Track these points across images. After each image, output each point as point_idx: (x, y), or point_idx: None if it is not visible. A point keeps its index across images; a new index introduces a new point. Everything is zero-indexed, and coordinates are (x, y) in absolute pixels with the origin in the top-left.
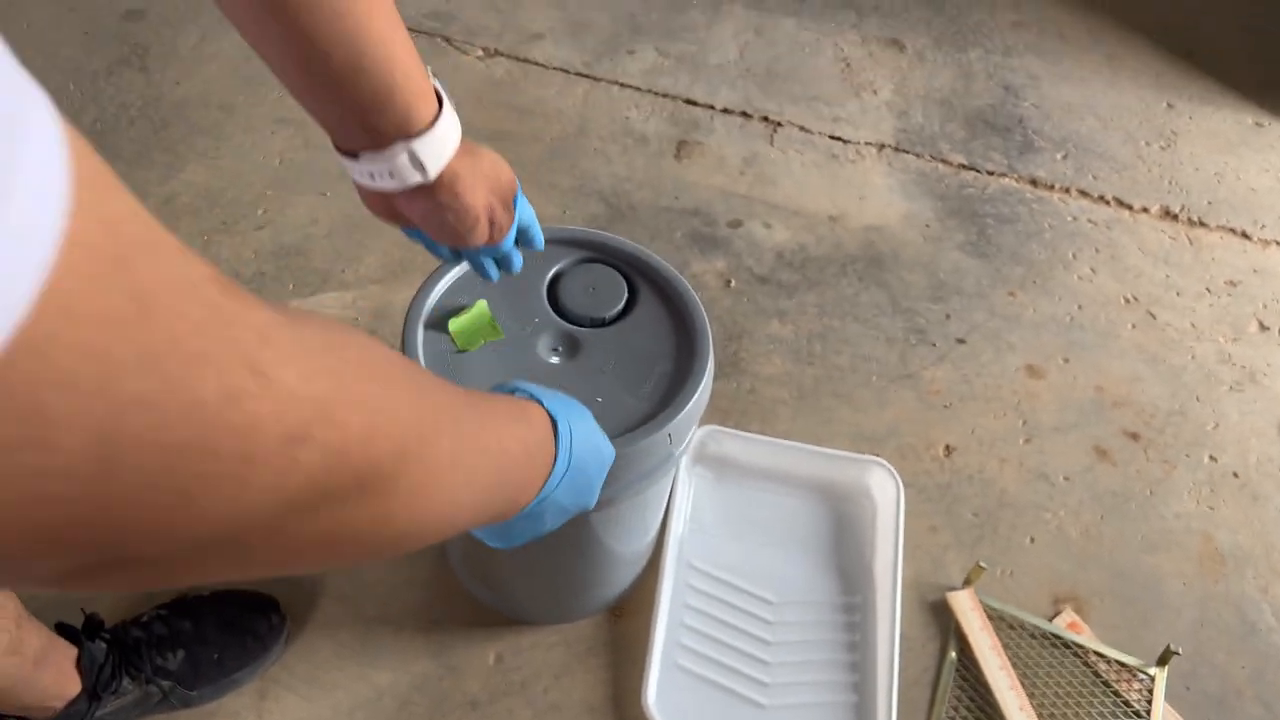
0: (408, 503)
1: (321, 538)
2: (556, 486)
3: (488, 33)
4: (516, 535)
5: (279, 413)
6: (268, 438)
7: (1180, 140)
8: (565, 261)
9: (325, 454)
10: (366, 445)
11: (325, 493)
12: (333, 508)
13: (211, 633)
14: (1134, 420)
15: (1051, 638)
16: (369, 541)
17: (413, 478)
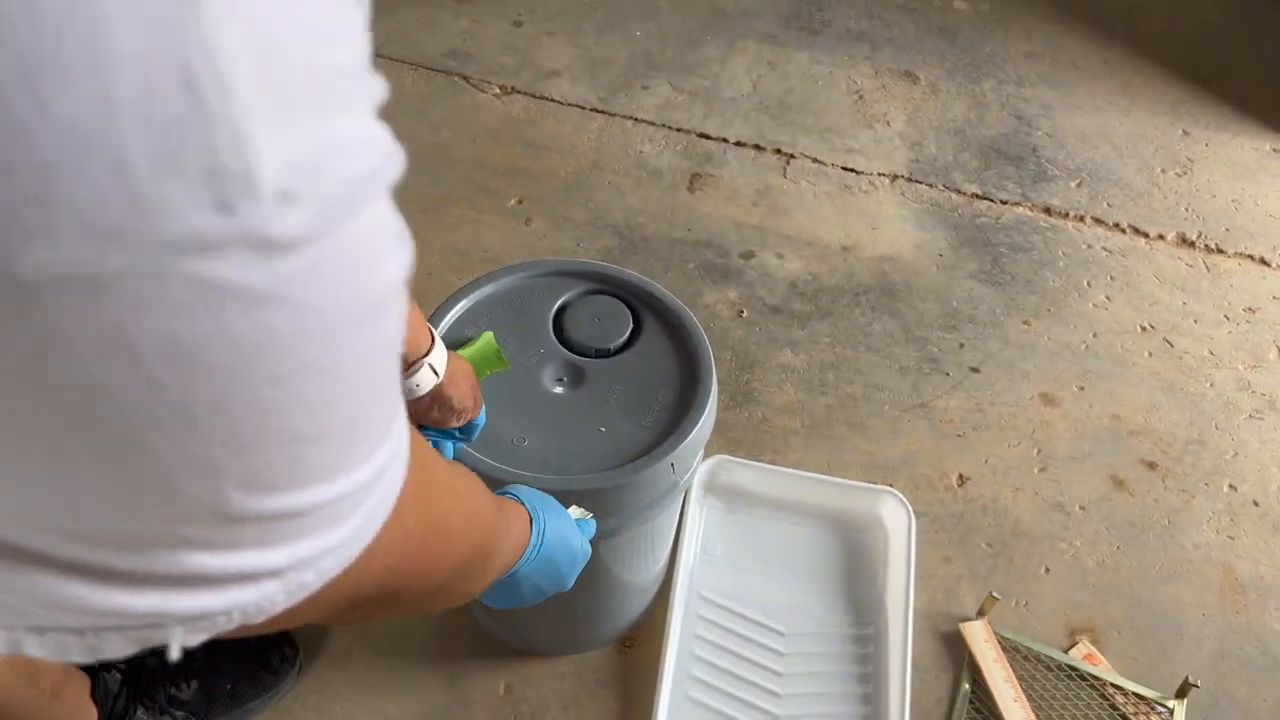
0: (490, 567)
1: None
2: (528, 564)
3: (505, 71)
4: (499, 599)
5: (467, 514)
6: (458, 531)
7: (1197, 167)
8: (571, 293)
9: (483, 527)
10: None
11: (472, 558)
12: (471, 570)
13: (225, 663)
14: (1151, 449)
15: (1067, 669)
16: (470, 590)
17: (492, 553)
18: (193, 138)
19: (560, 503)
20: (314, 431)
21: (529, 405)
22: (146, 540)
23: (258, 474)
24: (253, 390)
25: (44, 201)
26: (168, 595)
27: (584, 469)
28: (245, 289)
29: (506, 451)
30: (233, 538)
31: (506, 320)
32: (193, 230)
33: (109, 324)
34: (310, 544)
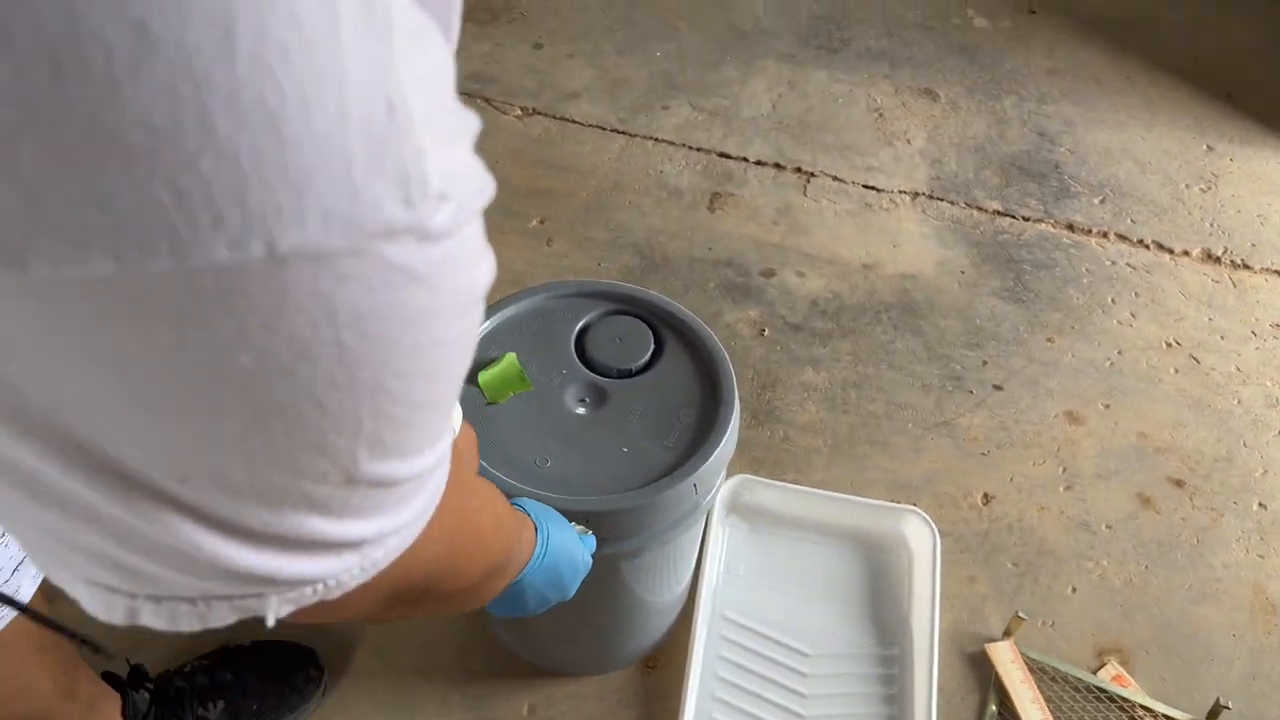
0: (508, 573)
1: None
2: (534, 572)
3: (526, 93)
4: (505, 607)
5: (493, 519)
6: (486, 534)
7: (1221, 182)
8: (592, 314)
9: (505, 536)
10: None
11: (501, 561)
12: (495, 573)
13: (251, 684)
14: (1178, 467)
15: (1096, 691)
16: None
17: (512, 559)
18: (391, 149)
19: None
20: (427, 401)
21: (551, 426)
22: (285, 497)
23: (384, 438)
24: (402, 358)
25: (301, 193)
26: (282, 558)
27: (606, 489)
28: (410, 269)
29: (529, 472)
30: (344, 502)
31: (529, 341)
32: (387, 219)
33: (323, 293)
34: (390, 518)
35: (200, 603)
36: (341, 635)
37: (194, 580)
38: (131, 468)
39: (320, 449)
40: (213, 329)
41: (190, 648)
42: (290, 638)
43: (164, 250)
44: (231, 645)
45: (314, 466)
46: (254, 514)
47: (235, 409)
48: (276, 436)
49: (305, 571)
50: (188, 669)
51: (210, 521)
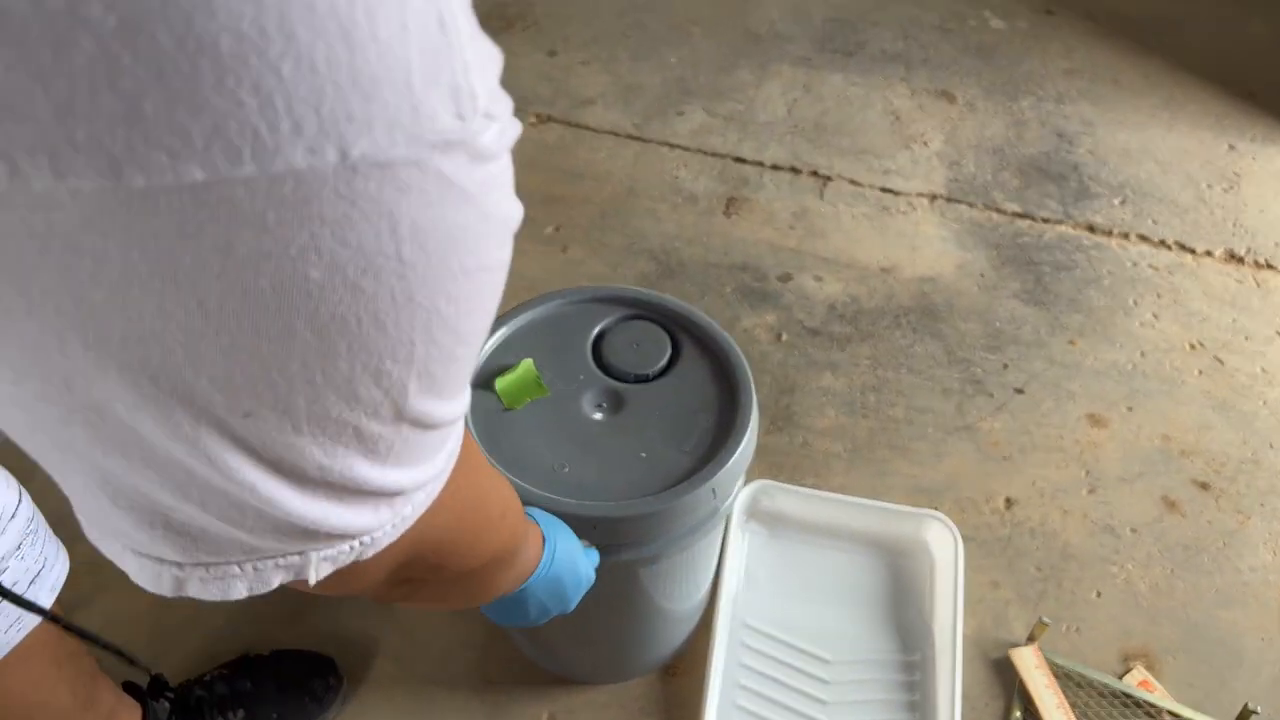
0: (514, 569)
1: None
2: (538, 581)
3: (540, 100)
4: (506, 614)
5: (501, 502)
6: (496, 515)
7: (1244, 182)
8: (609, 319)
9: (511, 523)
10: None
11: (507, 551)
12: (501, 564)
13: (271, 692)
14: (1204, 469)
15: (1122, 696)
16: (495, 587)
17: (517, 555)
18: (444, 61)
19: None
20: (470, 332)
21: (569, 432)
22: (340, 433)
23: (433, 369)
24: (452, 280)
25: (369, 100)
26: (329, 507)
27: (624, 495)
28: (462, 187)
29: (547, 478)
30: (389, 444)
31: (545, 348)
32: (443, 130)
33: (387, 203)
34: (423, 469)
35: (248, 565)
36: (360, 644)
37: (243, 535)
38: (201, 401)
39: (377, 376)
40: (290, 240)
41: (210, 657)
42: (309, 646)
43: (248, 155)
44: (251, 654)
45: (370, 396)
46: (310, 453)
47: (304, 328)
48: (340, 358)
49: (348, 524)
50: (207, 678)
51: (268, 462)
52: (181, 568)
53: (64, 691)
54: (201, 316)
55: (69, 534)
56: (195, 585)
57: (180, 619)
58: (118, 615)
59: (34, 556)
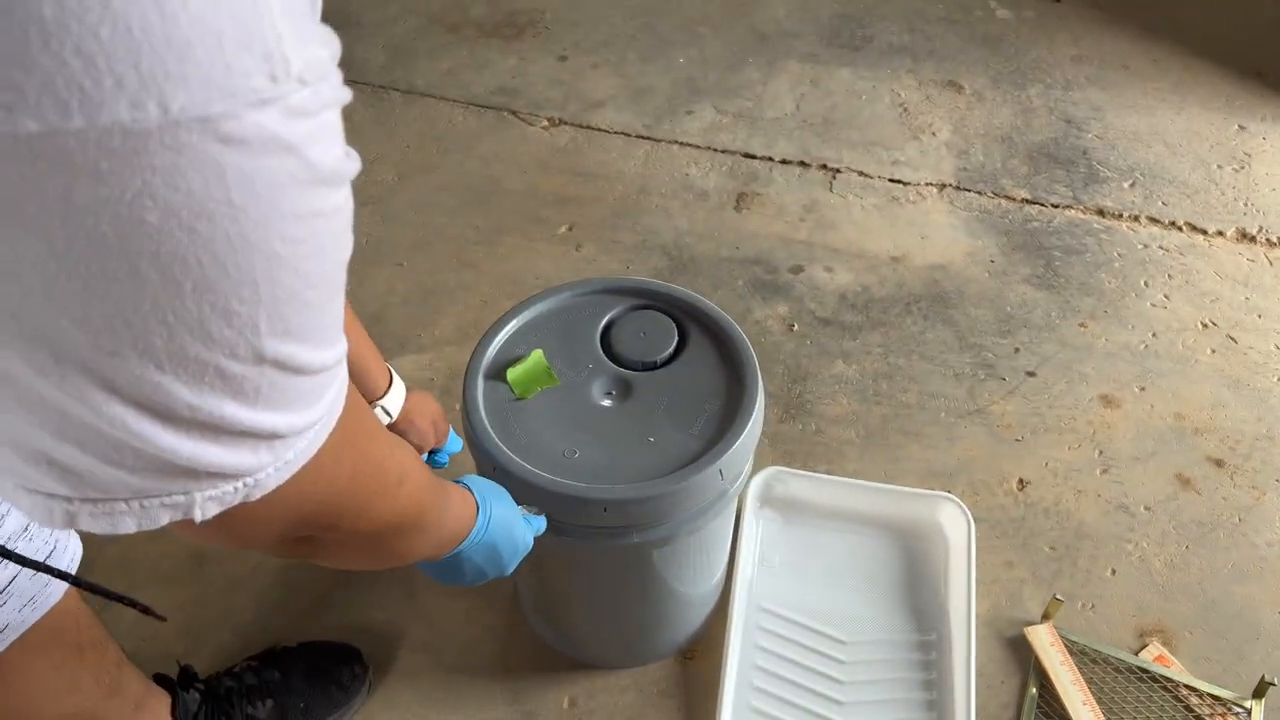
0: (424, 536)
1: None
2: (472, 546)
3: (551, 104)
4: (443, 575)
5: (399, 470)
6: (391, 481)
7: (1254, 161)
8: (617, 309)
9: (410, 490)
10: (422, 501)
11: (404, 519)
12: (403, 532)
13: (298, 683)
14: (1218, 447)
15: (1138, 671)
16: (404, 553)
17: (427, 523)
18: (255, 31)
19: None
20: (314, 275)
21: (579, 419)
22: (202, 374)
23: (281, 310)
24: (284, 222)
25: (183, 60)
26: (205, 445)
27: (634, 478)
28: (281, 139)
29: (559, 464)
30: (255, 386)
31: (555, 338)
32: (256, 89)
33: (212, 154)
34: (297, 415)
35: (134, 503)
36: (386, 634)
37: (125, 475)
38: (64, 341)
39: (226, 316)
40: (124, 187)
41: (239, 650)
42: (336, 638)
43: (76, 108)
44: (279, 646)
45: (223, 336)
46: (177, 393)
47: (149, 269)
48: (186, 297)
49: (226, 463)
50: (236, 669)
51: (137, 401)
52: (70, 502)
53: (88, 678)
54: (53, 260)
55: (98, 536)
56: (85, 520)
57: (211, 615)
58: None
59: (43, 538)
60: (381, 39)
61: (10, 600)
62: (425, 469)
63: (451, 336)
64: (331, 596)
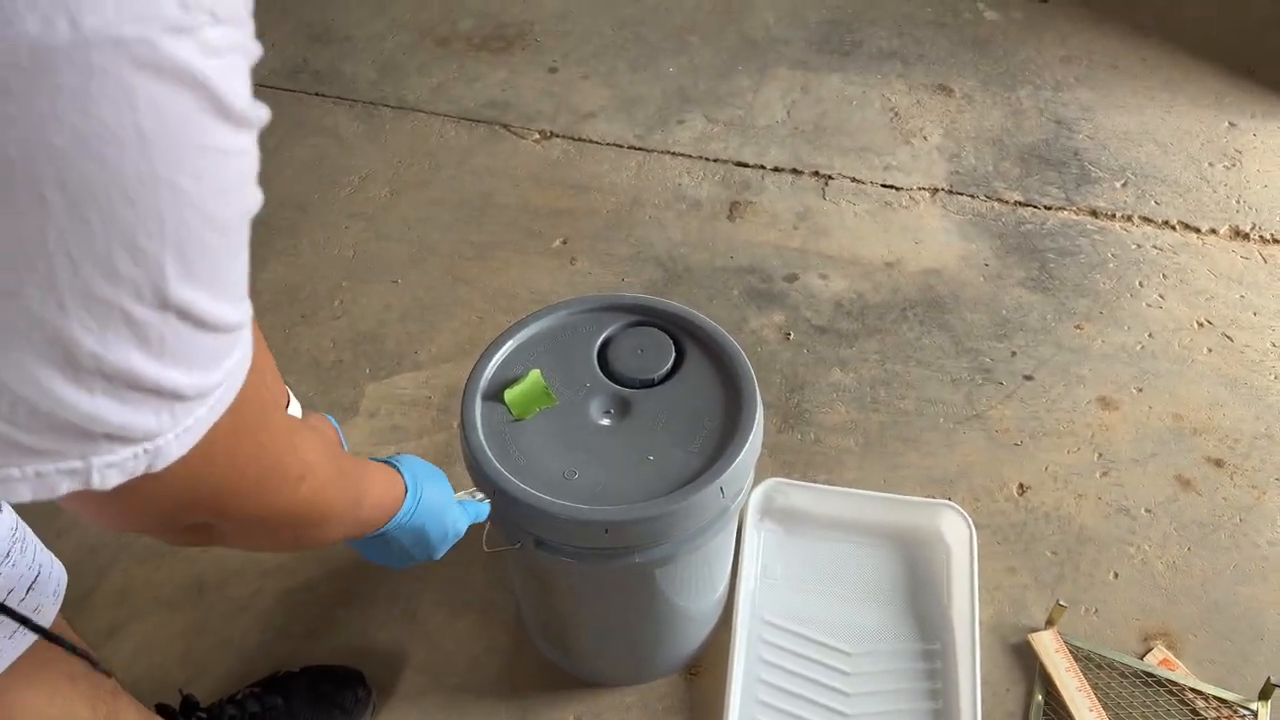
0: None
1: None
2: (399, 527)
3: (543, 116)
4: (367, 552)
5: (300, 466)
6: (291, 476)
7: (1246, 159)
8: (613, 327)
9: (312, 487)
10: (320, 495)
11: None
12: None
13: (301, 708)
14: (1217, 447)
15: (1143, 676)
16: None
17: (331, 517)
18: None
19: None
20: (219, 217)
21: (578, 438)
22: (108, 316)
23: (187, 252)
24: (193, 155)
25: None
26: (108, 402)
27: (634, 498)
28: (196, 72)
29: (557, 485)
30: (160, 336)
31: (552, 357)
32: (167, 16)
33: (124, 79)
34: (201, 374)
35: (29, 468)
36: (389, 656)
37: (20, 435)
38: None
39: (133, 252)
40: (31, 105)
41: (242, 677)
42: (338, 662)
43: None
44: (281, 672)
45: (130, 274)
46: (81, 338)
47: (55, 195)
48: (94, 229)
49: (127, 423)
50: (239, 696)
51: (39, 348)
52: None
53: (82, 707)
54: None
55: (103, 563)
56: None
57: (212, 642)
58: (151, 641)
59: (26, 563)
60: (371, 54)
61: (2, 625)
62: (336, 464)
63: (448, 353)
64: (333, 619)
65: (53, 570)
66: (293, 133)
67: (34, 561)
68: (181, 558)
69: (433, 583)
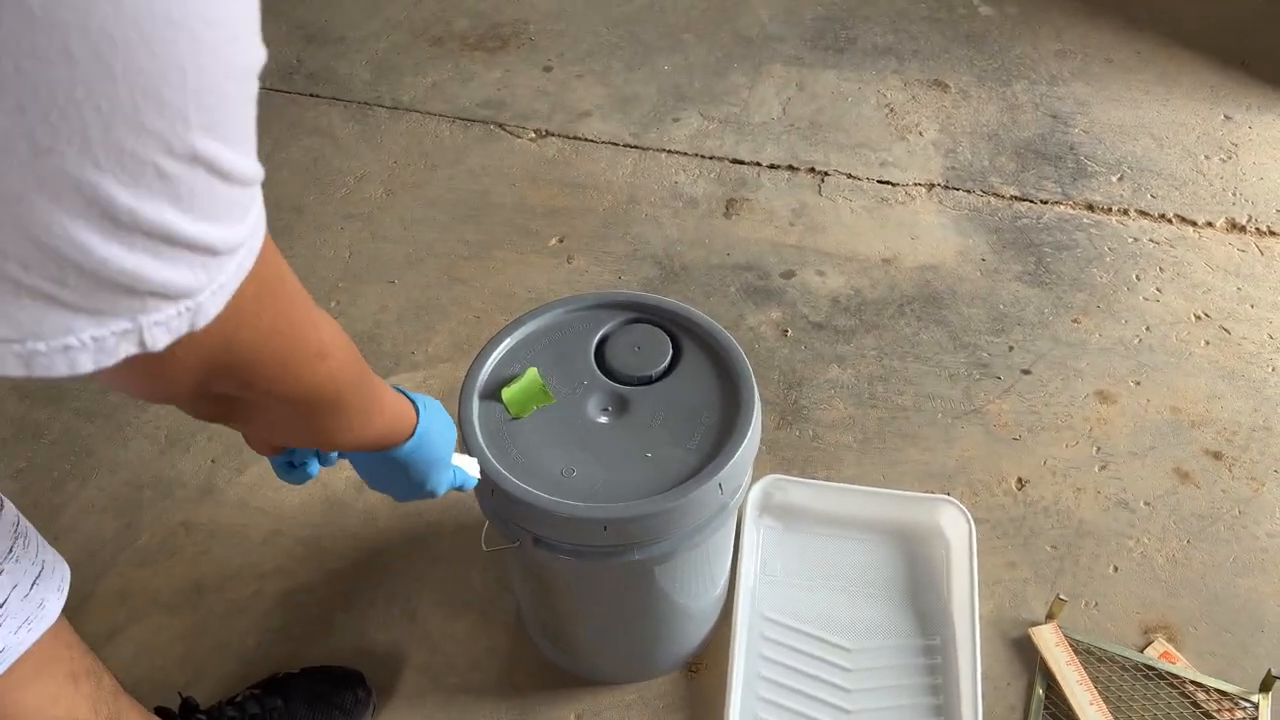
0: (343, 420)
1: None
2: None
3: (538, 115)
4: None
5: (319, 344)
6: (312, 353)
7: (1241, 151)
8: (610, 324)
9: (330, 368)
10: (338, 376)
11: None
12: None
13: (301, 709)
14: (1215, 439)
15: (1144, 669)
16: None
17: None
18: None
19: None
20: (237, 68)
21: (576, 436)
22: (141, 171)
23: (207, 101)
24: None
25: None
26: (146, 258)
27: (633, 495)
28: None
29: (556, 483)
30: (190, 188)
31: (549, 355)
32: None
33: None
34: (230, 228)
35: (85, 335)
36: (388, 657)
37: (69, 296)
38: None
39: (158, 103)
40: None
41: (242, 679)
42: (338, 663)
43: None
44: (280, 674)
45: (156, 126)
46: (117, 194)
47: (79, 47)
48: (118, 81)
49: (168, 280)
50: (239, 698)
51: (78, 206)
52: (22, 344)
53: (85, 708)
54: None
55: (100, 566)
56: (41, 362)
57: (211, 644)
58: (150, 644)
59: (30, 559)
60: (365, 55)
61: (6, 621)
62: (354, 355)
63: (445, 353)
64: (332, 621)
65: (56, 565)
66: (287, 134)
67: (37, 557)
68: (180, 560)
69: (432, 583)
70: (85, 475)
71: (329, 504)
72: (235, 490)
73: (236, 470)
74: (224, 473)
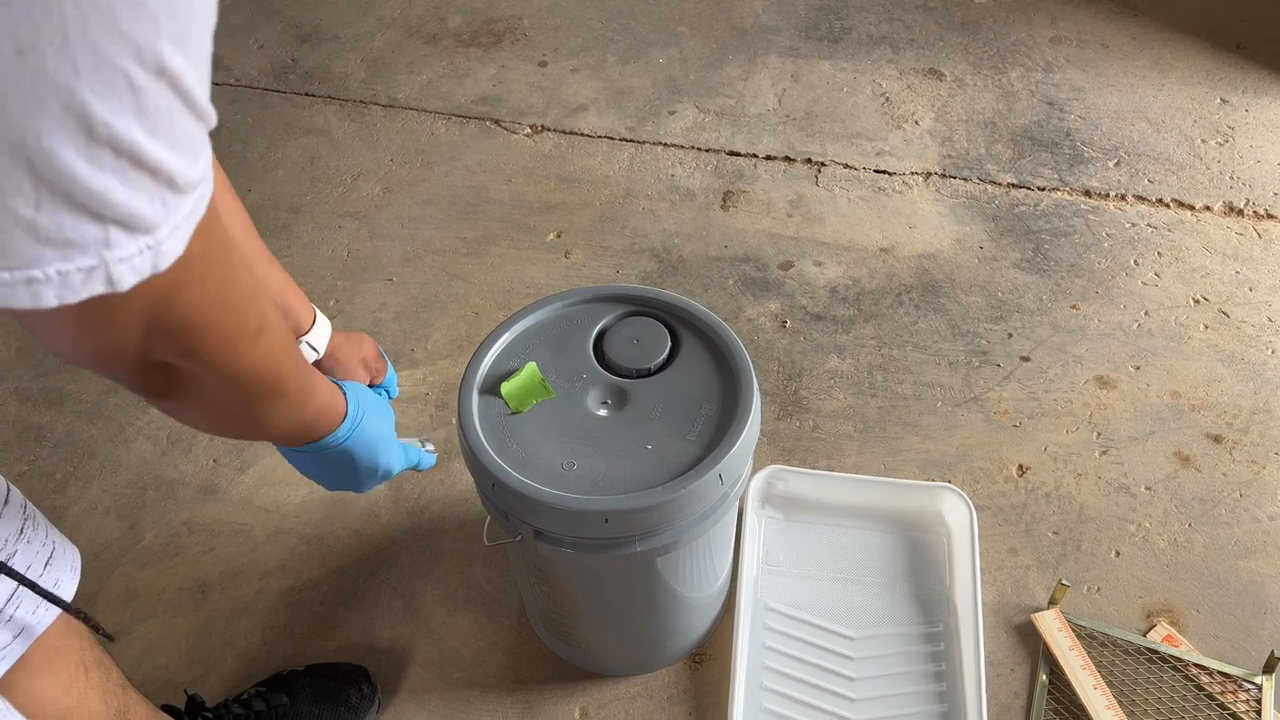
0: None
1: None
2: (329, 448)
3: (533, 111)
4: (303, 467)
5: (260, 318)
6: (252, 327)
7: (1238, 134)
8: (609, 318)
9: (269, 344)
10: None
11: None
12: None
13: (307, 706)
14: (1215, 422)
15: (1147, 653)
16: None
17: (284, 390)
18: None
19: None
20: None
21: (576, 429)
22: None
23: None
24: None
25: None
26: (111, 181)
27: (634, 487)
28: None
29: (556, 476)
30: (156, 108)
31: (548, 350)
32: None
33: None
34: (189, 161)
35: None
36: (393, 653)
37: (43, 218)
38: None
39: (132, 5)
40: None
41: (247, 676)
42: (343, 659)
43: None
44: (285, 671)
45: (130, 29)
46: (92, 104)
47: None
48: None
49: (131, 205)
50: (244, 696)
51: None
52: None
53: (95, 699)
54: None
55: (105, 568)
56: (4, 292)
57: (216, 643)
58: (155, 644)
59: (40, 540)
60: (360, 53)
61: (24, 602)
62: (292, 342)
63: (444, 350)
64: (336, 617)
65: (66, 548)
66: (283, 134)
67: (47, 539)
68: (184, 560)
69: (435, 579)
70: (88, 477)
71: (331, 502)
72: (237, 489)
73: (238, 470)
74: (226, 472)
